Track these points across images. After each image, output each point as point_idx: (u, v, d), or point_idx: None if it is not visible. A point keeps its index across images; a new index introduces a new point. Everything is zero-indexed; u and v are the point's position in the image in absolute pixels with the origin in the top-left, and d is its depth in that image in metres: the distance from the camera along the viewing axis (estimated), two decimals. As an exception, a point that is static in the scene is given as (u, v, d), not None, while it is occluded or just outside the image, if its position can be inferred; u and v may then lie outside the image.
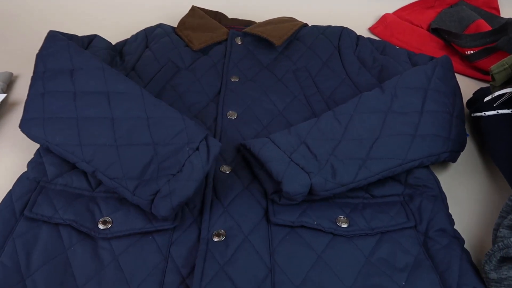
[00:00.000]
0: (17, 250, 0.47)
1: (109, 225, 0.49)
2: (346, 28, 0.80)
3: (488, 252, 0.46)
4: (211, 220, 0.51)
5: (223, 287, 0.45)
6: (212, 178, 0.55)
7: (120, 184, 0.49)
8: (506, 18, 0.93)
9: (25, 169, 0.55)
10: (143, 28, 0.80)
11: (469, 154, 0.67)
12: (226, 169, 0.57)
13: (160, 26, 0.80)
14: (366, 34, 0.93)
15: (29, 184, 0.53)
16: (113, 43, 0.76)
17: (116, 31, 0.82)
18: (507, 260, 0.46)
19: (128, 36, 0.79)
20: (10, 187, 0.53)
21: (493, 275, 0.46)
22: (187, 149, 0.51)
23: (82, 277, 0.46)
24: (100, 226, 0.49)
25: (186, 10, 0.84)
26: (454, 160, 0.60)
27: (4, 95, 0.68)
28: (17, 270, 0.46)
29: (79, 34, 0.71)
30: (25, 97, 0.57)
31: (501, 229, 0.48)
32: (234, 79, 0.70)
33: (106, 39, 0.75)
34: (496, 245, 0.46)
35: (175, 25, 0.81)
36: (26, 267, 0.46)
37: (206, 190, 0.54)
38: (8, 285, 0.44)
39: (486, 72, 0.80)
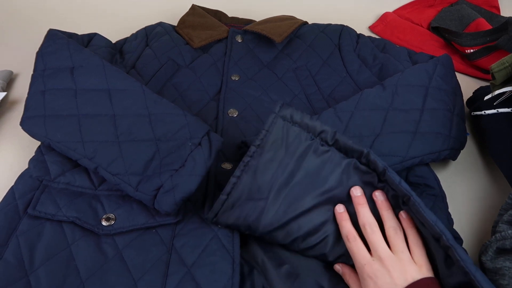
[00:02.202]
0: (20, 247, 0.47)
1: (112, 222, 0.49)
2: (346, 26, 0.80)
3: (485, 243, 0.47)
4: None
5: None
6: (214, 174, 0.55)
7: (123, 180, 0.49)
8: (506, 17, 0.93)
9: (26, 167, 0.55)
10: (143, 26, 0.79)
11: (469, 152, 0.67)
12: (228, 166, 0.57)
13: (160, 24, 0.79)
14: (366, 32, 0.92)
15: (32, 182, 0.53)
16: (113, 41, 0.76)
17: (116, 30, 0.82)
18: (503, 252, 0.46)
19: (128, 35, 0.79)
20: (11, 184, 0.53)
21: (489, 264, 0.46)
22: (189, 144, 0.51)
23: (85, 270, 0.46)
24: (104, 223, 0.49)
25: (186, 9, 0.84)
26: (454, 158, 0.60)
27: (4, 93, 0.68)
28: (20, 267, 0.46)
29: (79, 33, 0.71)
30: (25, 95, 0.57)
31: (500, 224, 0.49)
32: (235, 78, 0.70)
33: (106, 37, 0.75)
34: (493, 236, 0.46)
35: (175, 23, 0.81)
36: (29, 263, 0.46)
37: (209, 185, 0.54)
38: (12, 281, 0.44)
39: (486, 71, 0.81)
